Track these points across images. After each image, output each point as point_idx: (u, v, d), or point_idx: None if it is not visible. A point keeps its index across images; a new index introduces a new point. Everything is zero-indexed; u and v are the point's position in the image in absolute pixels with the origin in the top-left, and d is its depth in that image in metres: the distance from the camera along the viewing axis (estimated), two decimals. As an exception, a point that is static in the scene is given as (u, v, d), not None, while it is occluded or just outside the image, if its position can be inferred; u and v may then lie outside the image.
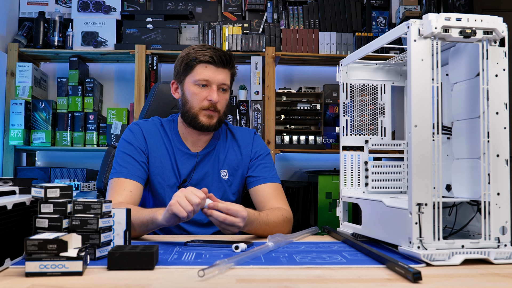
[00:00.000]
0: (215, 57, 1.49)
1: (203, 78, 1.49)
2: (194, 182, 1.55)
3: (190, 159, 1.57)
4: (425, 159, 1.01)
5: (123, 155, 1.52)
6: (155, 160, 1.54)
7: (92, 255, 0.97)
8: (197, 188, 1.42)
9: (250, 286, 0.80)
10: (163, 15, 2.98)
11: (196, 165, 1.56)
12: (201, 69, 1.49)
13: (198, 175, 1.56)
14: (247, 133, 1.67)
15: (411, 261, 1.00)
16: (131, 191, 1.45)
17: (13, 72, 2.86)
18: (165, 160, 1.55)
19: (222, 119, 1.55)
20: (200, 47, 1.52)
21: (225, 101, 1.54)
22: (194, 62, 1.50)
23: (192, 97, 1.51)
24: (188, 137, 1.58)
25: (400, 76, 1.45)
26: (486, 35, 1.03)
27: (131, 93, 3.11)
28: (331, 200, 2.72)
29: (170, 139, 1.58)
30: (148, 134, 1.56)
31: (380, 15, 3.13)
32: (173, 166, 1.55)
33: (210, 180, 1.57)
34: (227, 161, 1.60)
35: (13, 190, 1.05)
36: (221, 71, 1.51)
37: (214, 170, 1.58)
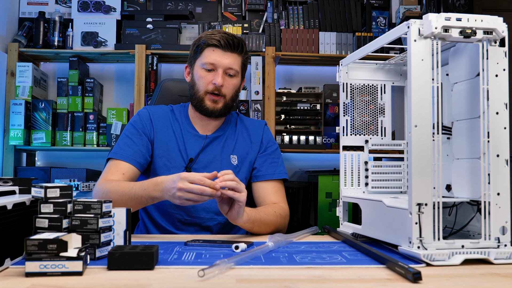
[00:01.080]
0: (222, 40, 1.49)
1: (209, 61, 1.50)
2: (202, 164, 1.55)
3: (198, 141, 1.57)
4: (425, 159, 1.01)
5: (125, 137, 1.53)
6: (161, 143, 1.55)
7: (92, 255, 0.97)
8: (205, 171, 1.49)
9: (250, 286, 0.80)
10: (163, 15, 2.98)
11: (204, 147, 1.56)
12: (209, 52, 1.51)
13: (206, 157, 1.56)
14: (258, 123, 1.68)
15: (411, 261, 1.00)
16: (124, 173, 1.45)
17: (13, 72, 2.86)
18: (171, 142, 1.55)
19: (229, 105, 1.55)
20: (211, 31, 1.54)
21: (232, 86, 1.53)
22: (203, 45, 1.52)
23: (199, 80, 1.52)
24: (198, 121, 1.59)
25: (400, 76, 1.45)
26: (486, 35, 1.03)
27: (131, 93, 3.11)
28: (331, 200, 2.72)
29: (179, 122, 1.59)
30: (156, 118, 1.57)
31: (380, 15, 3.13)
32: (180, 148, 1.55)
33: (218, 163, 1.56)
34: (237, 147, 1.61)
35: (13, 190, 1.05)
36: (229, 55, 1.51)
37: (223, 154, 1.58)
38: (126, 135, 1.53)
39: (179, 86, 1.84)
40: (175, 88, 1.83)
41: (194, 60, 1.55)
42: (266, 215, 1.42)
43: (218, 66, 1.50)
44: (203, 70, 1.52)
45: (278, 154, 1.65)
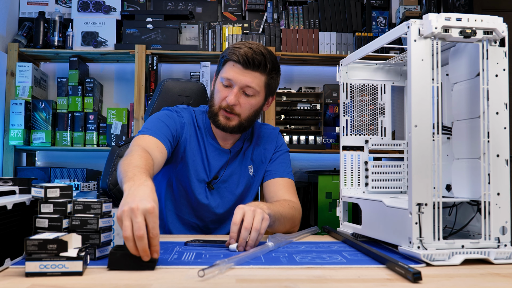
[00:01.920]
0: (242, 56, 1.40)
1: (227, 77, 1.42)
2: (222, 178, 1.54)
3: (222, 155, 1.54)
4: (425, 159, 1.01)
5: (156, 120, 1.45)
6: (190, 151, 1.50)
7: (92, 255, 0.97)
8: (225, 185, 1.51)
9: (250, 286, 0.80)
10: (163, 15, 2.98)
11: (227, 163, 1.55)
12: (229, 67, 1.43)
13: (227, 172, 1.55)
14: (272, 130, 1.66)
15: (411, 261, 1.00)
16: (162, 152, 1.37)
17: (13, 72, 2.86)
18: (197, 153, 1.52)
19: (243, 125, 1.48)
20: (239, 44, 1.44)
21: (248, 105, 1.45)
22: (226, 59, 1.45)
23: (216, 94, 1.47)
24: (218, 133, 1.53)
25: (400, 76, 1.45)
26: (486, 35, 1.03)
27: (131, 93, 3.11)
28: (331, 200, 2.71)
29: (202, 132, 1.54)
30: (187, 123, 1.52)
31: (380, 15, 3.13)
32: (204, 161, 1.52)
33: (238, 177, 1.56)
34: (253, 157, 1.59)
35: (13, 190, 1.05)
36: (248, 73, 1.41)
37: (242, 167, 1.57)
38: (159, 119, 1.46)
39: (180, 86, 1.83)
40: (175, 88, 1.82)
41: (218, 71, 1.50)
42: (282, 207, 1.38)
43: (235, 83, 1.42)
44: (221, 84, 1.45)
45: (287, 157, 1.64)
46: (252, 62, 1.40)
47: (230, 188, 1.55)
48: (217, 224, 1.56)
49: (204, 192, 1.52)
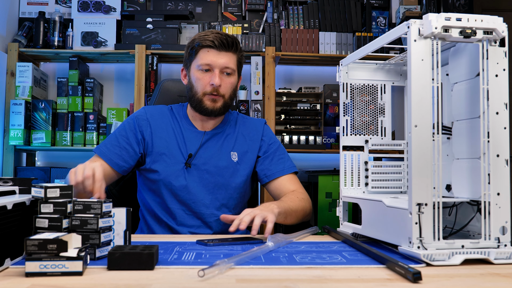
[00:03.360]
0: (216, 40, 1.50)
1: (205, 62, 1.51)
2: (202, 160, 1.56)
3: (197, 137, 1.58)
4: (425, 159, 1.01)
5: (112, 136, 1.56)
6: (160, 140, 1.56)
7: (92, 255, 0.97)
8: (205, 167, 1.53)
9: (250, 286, 0.80)
10: (163, 15, 2.98)
11: (203, 142, 1.58)
12: (204, 53, 1.52)
13: (206, 153, 1.57)
14: (258, 122, 1.70)
15: (411, 261, 1.00)
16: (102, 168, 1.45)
17: (13, 72, 2.85)
18: (171, 139, 1.56)
19: (227, 103, 1.56)
20: (204, 33, 1.55)
21: (230, 85, 1.55)
22: (197, 47, 1.53)
23: (196, 82, 1.54)
24: (197, 119, 1.60)
25: (400, 76, 1.45)
26: (486, 35, 1.03)
27: (131, 93, 3.11)
28: (331, 200, 2.71)
29: (178, 120, 1.61)
30: (153, 116, 1.59)
31: (380, 15, 3.13)
32: (180, 145, 1.56)
33: (218, 159, 1.57)
34: (237, 145, 1.62)
35: (13, 190, 1.05)
36: (224, 54, 1.52)
37: (223, 150, 1.59)
38: (116, 135, 1.56)
39: (179, 86, 1.84)
40: (174, 88, 1.83)
41: (190, 62, 1.58)
42: (292, 202, 1.47)
43: (214, 66, 1.51)
44: (199, 71, 1.53)
45: (283, 150, 1.67)
46: (226, 43, 1.51)
47: (209, 170, 1.56)
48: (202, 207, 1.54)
49: (182, 173, 1.54)
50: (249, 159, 1.62)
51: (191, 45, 1.56)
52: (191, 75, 1.56)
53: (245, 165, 1.61)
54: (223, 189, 1.57)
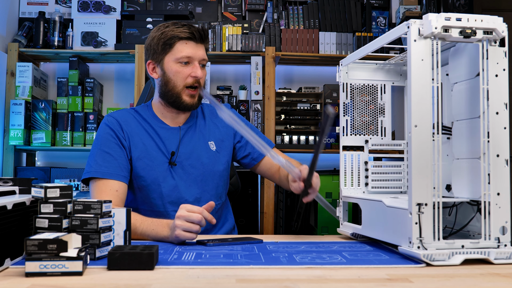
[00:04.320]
0: (195, 32, 1.49)
1: (185, 55, 1.48)
2: (184, 156, 1.53)
3: (174, 134, 1.55)
4: (425, 159, 1.01)
5: (101, 153, 1.46)
6: (137, 145, 1.50)
7: (92, 255, 0.97)
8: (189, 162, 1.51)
9: (250, 286, 0.80)
10: (163, 15, 2.98)
11: (181, 138, 1.55)
12: (182, 46, 1.48)
13: (186, 148, 1.54)
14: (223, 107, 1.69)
15: (411, 261, 1.00)
16: (117, 190, 1.42)
17: (13, 72, 2.85)
18: (148, 142, 1.51)
19: (201, 97, 1.54)
20: (173, 24, 1.51)
21: (204, 76, 1.54)
22: (174, 39, 1.48)
23: (175, 75, 1.49)
24: (168, 116, 1.56)
25: (400, 76, 1.45)
26: (486, 35, 1.03)
27: (131, 93, 3.11)
28: (331, 200, 2.71)
29: (148, 121, 1.55)
30: (125, 122, 1.53)
31: (380, 15, 3.13)
32: (158, 145, 1.52)
33: (199, 152, 1.55)
34: (212, 134, 1.61)
35: (13, 190, 1.05)
36: (200, 46, 1.51)
37: (201, 142, 1.57)
38: (102, 150, 1.47)
39: None
40: None
41: (163, 55, 1.50)
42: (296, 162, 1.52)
43: (194, 59, 1.49)
44: (178, 64, 1.48)
45: (253, 127, 1.65)
46: (204, 35, 1.51)
47: (194, 164, 1.54)
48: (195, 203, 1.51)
49: (169, 173, 1.51)
50: (227, 146, 1.62)
51: (163, 38, 1.49)
52: (167, 69, 1.49)
53: (224, 152, 1.61)
54: (210, 180, 1.56)
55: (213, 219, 1.22)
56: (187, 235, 1.20)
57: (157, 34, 1.51)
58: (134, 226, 1.31)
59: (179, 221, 1.20)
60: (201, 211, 1.20)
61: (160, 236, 1.27)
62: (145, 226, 1.30)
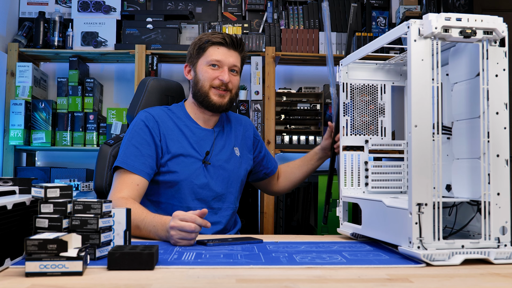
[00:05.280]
0: (227, 38, 1.57)
1: (215, 58, 1.56)
2: (215, 156, 1.60)
3: (208, 135, 1.63)
4: (425, 159, 1.01)
5: (132, 147, 1.52)
6: (173, 142, 1.57)
7: (92, 255, 0.97)
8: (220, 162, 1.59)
9: (250, 286, 0.80)
10: (163, 15, 2.98)
11: (214, 139, 1.63)
12: (213, 50, 1.57)
13: (217, 150, 1.62)
14: (245, 119, 1.79)
15: (411, 261, 1.00)
16: (138, 184, 1.48)
17: (13, 72, 2.85)
18: (183, 140, 1.58)
19: (233, 99, 1.62)
20: (212, 32, 1.62)
21: (236, 82, 1.62)
22: (207, 44, 1.58)
23: (204, 76, 1.58)
24: (200, 117, 1.63)
25: (400, 76, 1.45)
26: (486, 35, 1.03)
27: (131, 93, 3.11)
28: (331, 200, 2.71)
29: (183, 120, 1.62)
30: (161, 120, 1.59)
31: (380, 15, 3.13)
32: (193, 144, 1.58)
33: (228, 155, 1.64)
34: (237, 141, 1.70)
35: (13, 190, 1.05)
36: (232, 53, 1.59)
37: (227, 146, 1.66)
38: (134, 145, 1.52)
39: (165, 85, 1.83)
40: (161, 87, 1.81)
41: (197, 59, 1.60)
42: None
43: (224, 64, 1.57)
44: (208, 67, 1.57)
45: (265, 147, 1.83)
46: (236, 42, 1.59)
47: (223, 166, 1.62)
48: (219, 203, 1.60)
49: (202, 171, 1.57)
50: (247, 155, 1.72)
51: (199, 43, 1.60)
52: (198, 71, 1.59)
53: (245, 160, 1.70)
54: (234, 182, 1.65)
55: (208, 224, 1.22)
56: (184, 243, 1.20)
57: (195, 40, 1.63)
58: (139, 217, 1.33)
59: (174, 231, 1.20)
60: (194, 220, 1.20)
61: (159, 235, 1.28)
62: (148, 221, 1.32)
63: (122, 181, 1.47)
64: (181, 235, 1.20)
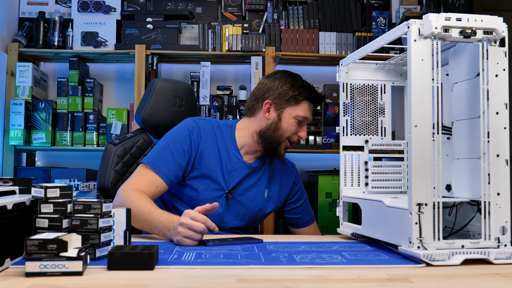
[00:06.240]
0: (320, 100, 1.60)
1: (305, 116, 1.57)
2: (240, 192, 1.58)
3: (242, 168, 1.58)
4: (425, 159, 1.01)
5: (167, 150, 1.50)
6: (207, 162, 1.54)
7: (92, 255, 0.97)
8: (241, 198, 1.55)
9: (250, 286, 0.80)
10: (163, 15, 2.98)
11: (247, 175, 1.58)
12: (305, 107, 1.57)
13: (245, 186, 1.59)
14: (290, 163, 1.76)
15: (411, 261, 1.00)
16: (157, 186, 1.46)
17: (13, 72, 2.85)
18: (216, 164, 1.55)
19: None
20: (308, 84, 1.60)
21: None
22: (303, 98, 1.56)
23: (288, 128, 1.56)
24: (245, 147, 1.60)
25: (400, 76, 1.45)
26: (486, 35, 1.03)
27: (131, 93, 3.11)
28: (331, 200, 2.71)
29: (226, 143, 1.58)
30: (205, 134, 1.56)
31: (380, 15, 3.13)
32: (223, 172, 1.55)
33: (254, 194, 1.60)
34: (270, 183, 1.66)
35: (13, 190, 1.05)
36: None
37: (259, 186, 1.62)
38: (170, 149, 1.50)
39: (173, 86, 1.82)
40: (169, 88, 1.81)
41: (286, 105, 1.56)
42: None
43: (308, 121, 1.60)
44: (295, 120, 1.56)
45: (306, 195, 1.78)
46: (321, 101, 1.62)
47: (245, 203, 1.59)
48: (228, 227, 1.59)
49: (222, 201, 1.55)
50: (276, 199, 1.68)
51: (296, 92, 1.56)
52: (284, 119, 1.56)
53: (273, 203, 1.67)
54: (250, 219, 1.62)
55: (216, 228, 1.22)
56: (188, 242, 1.20)
57: (291, 83, 1.57)
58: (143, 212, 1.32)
59: (182, 228, 1.20)
60: (204, 221, 1.20)
61: (163, 232, 1.27)
62: (156, 216, 1.30)
63: (144, 175, 1.46)
64: (188, 234, 1.19)
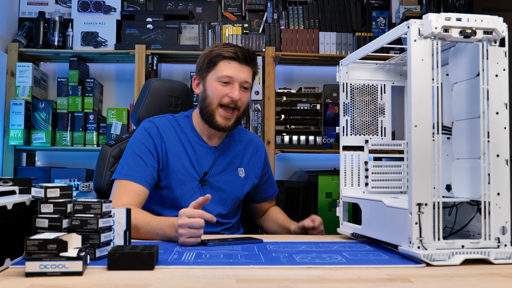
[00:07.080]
0: (239, 53, 1.48)
1: (226, 74, 1.48)
2: (214, 177, 1.56)
3: (209, 153, 1.56)
4: (425, 159, 1.01)
5: (135, 156, 1.49)
6: (174, 157, 1.52)
7: (92, 255, 0.97)
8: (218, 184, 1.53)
9: (250, 286, 0.80)
10: (163, 15, 2.98)
11: (216, 158, 1.57)
12: (224, 65, 1.49)
13: (217, 169, 1.57)
14: (258, 139, 1.73)
15: (411, 261, 1.00)
16: (139, 194, 1.44)
17: (13, 72, 2.85)
18: (183, 156, 1.53)
19: (240, 118, 1.55)
20: (223, 45, 1.52)
21: (246, 99, 1.53)
22: (218, 58, 1.49)
23: (213, 92, 1.50)
24: (205, 132, 1.57)
25: (400, 76, 1.45)
26: (486, 35, 1.03)
27: (131, 93, 3.11)
28: (331, 200, 2.71)
29: (187, 134, 1.57)
30: (164, 131, 1.54)
31: (380, 15, 3.13)
32: (193, 162, 1.54)
33: (228, 175, 1.59)
34: (243, 161, 1.64)
35: (13, 190, 1.05)
36: (244, 68, 1.50)
37: (231, 166, 1.60)
38: (137, 154, 1.49)
39: (168, 86, 1.81)
40: (164, 88, 1.80)
41: (207, 72, 1.52)
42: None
43: (235, 80, 1.49)
44: (218, 83, 1.49)
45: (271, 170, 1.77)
46: (248, 57, 1.50)
47: (221, 187, 1.57)
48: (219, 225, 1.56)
49: (198, 191, 1.53)
50: (253, 176, 1.67)
51: (209, 56, 1.51)
52: (208, 86, 1.51)
53: (250, 181, 1.65)
54: (232, 202, 1.60)
55: (214, 218, 1.22)
56: (192, 241, 1.19)
57: (205, 52, 1.54)
58: (140, 224, 1.32)
59: (182, 229, 1.19)
60: (201, 215, 1.20)
61: (167, 236, 1.27)
62: (155, 224, 1.30)
63: (123, 189, 1.44)
64: (190, 233, 1.18)
